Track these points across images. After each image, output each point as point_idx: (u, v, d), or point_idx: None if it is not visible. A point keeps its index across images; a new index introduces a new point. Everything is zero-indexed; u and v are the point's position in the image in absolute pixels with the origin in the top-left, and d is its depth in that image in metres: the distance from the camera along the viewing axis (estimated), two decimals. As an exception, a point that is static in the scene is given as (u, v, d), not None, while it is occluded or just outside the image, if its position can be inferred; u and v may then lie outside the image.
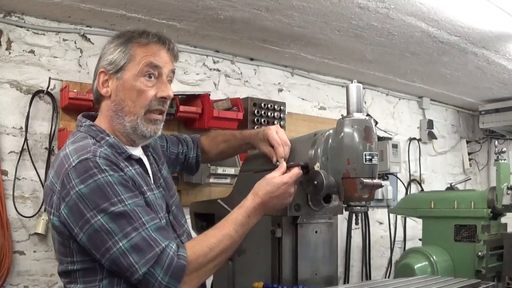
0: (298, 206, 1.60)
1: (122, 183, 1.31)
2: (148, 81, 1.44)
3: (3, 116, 2.41)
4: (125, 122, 1.44)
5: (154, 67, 1.44)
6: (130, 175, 1.38)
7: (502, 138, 4.77)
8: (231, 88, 3.21)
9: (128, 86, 1.43)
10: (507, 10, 2.51)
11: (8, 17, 2.44)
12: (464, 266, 2.57)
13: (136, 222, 1.27)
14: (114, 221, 1.26)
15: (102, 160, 1.31)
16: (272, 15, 2.55)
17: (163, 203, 1.49)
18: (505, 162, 2.61)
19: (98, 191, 1.27)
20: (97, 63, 1.50)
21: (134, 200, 1.31)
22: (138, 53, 1.43)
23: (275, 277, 1.63)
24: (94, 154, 1.31)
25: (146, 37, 1.45)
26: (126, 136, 1.47)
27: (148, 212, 1.33)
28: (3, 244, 2.28)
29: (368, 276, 3.86)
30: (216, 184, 2.76)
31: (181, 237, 1.54)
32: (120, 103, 1.44)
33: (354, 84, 1.55)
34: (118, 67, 1.43)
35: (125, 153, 1.43)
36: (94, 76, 1.50)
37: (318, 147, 1.55)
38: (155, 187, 1.49)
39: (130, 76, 1.43)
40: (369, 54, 3.21)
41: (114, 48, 1.45)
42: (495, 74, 3.63)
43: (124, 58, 1.43)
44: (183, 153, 1.87)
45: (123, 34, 1.48)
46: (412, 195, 3.76)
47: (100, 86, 1.46)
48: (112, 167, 1.32)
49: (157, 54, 1.45)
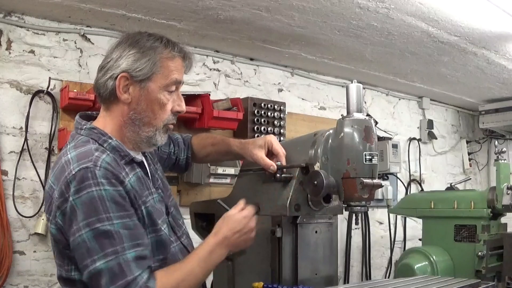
0: (298, 206, 1.60)
1: (115, 199, 1.29)
2: (169, 95, 1.45)
3: (3, 116, 2.41)
4: (141, 132, 1.44)
5: (177, 83, 1.46)
6: (132, 183, 1.37)
7: (502, 138, 4.77)
8: (231, 88, 3.21)
9: (152, 97, 1.42)
10: (507, 10, 2.51)
11: (8, 17, 2.44)
12: (464, 266, 2.56)
13: (118, 246, 1.27)
14: (96, 239, 1.26)
15: (101, 172, 1.29)
16: (272, 15, 2.55)
17: (162, 206, 1.50)
18: (505, 162, 2.61)
19: (89, 204, 1.27)
20: (111, 63, 1.43)
21: (123, 220, 1.29)
22: (166, 66, 1.43)
23: (275, 277, 1.64)
24: (95, 164, 1.30)
25: (172, 50, 1.45)
26: (135, 143, 1.47)
27: (133, 237, 1.31)
28: (3, 244, 2.28)
29: (368, 276, 3.86)
30: (216, 184, 2.77)
31: (181, 239, 1.55)
32: (140, 112, 1.42)
33: (354, 84, 1.55)
34: (145, 77, 1.41)
35: (128, 156, 1.43)
36: (104, 74, 1.44)
37: (318, 147, 1.55)
38: (154, 190, 1.50)
39: (156, 88, 1.42)
40: (369, 54, 3.21)
41: (141, 55, 1.41)
42: (495, 74, 3.63)
43: (152, 68, 1.41)
44: (175, 153, 1.86)
45: (144, 39, 1.44)
46: (412, 195, 3.76)
47: (121, 91, 1.41)
48: (111, 180, 1.30)
49: (180, 70, 1.47)
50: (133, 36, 1.46)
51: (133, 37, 1.45)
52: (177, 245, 1.52)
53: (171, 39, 1.48)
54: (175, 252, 1.49)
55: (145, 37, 1.45)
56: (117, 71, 1.41)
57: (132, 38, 1.45)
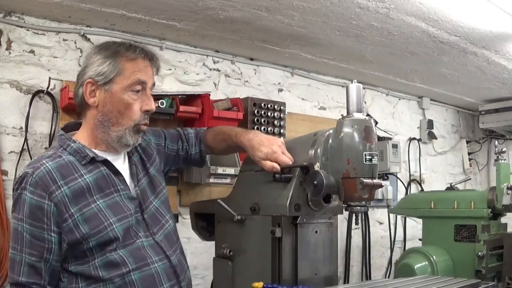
0: (298, 206, 1.59)
1: (31, 208, 1.44)
2: (134, 95, 1.54)
3: (3, 116, 2.41)
4: (111, 132, 1.54)
5: (141, 83, 1.54)
6: (67, 193, 1.46)
7: (502, 138, 4.76)
8: (231, 88, 3.21)
9: (116, 98, 1.52)
10: (507, 10, 2.51)
11: (8, 17, 2.44)
12: (464, 266, 2.57)
13: (18, 245, 1.45)
14: (12, 231, 1.49)
15: (34, 179, 1.44)
16: (272, 15, 2.55)
17: (131, 203, 1.56)
18: (505, 162, 2.61)
19: (16, 202, 1.48)
20: (81, 72, 1.57)
21: (30, 227, 1.44)
22: (126, 68, 1.52)
23: (275, 277, 1.63)
24: (33, 171, 1.46)
25: (133, 52, 1.55)
26: (108, 144, 1.57)
27: (33, 246, 1.44)
28: (3, 244, 2.28)
29: (368, 276, 3.86)
30: (216, 184, 2.76)
31: (155, 235, 1.59)
32: (107, 114, 1.53)
33: (354, 84, 1.55)
34: (107, 80, 1.51)
35: (87, 157, 1.53)
36: (77, 83, 1.57)
37: (318, 147, 1.55)
38: (123, 187, 1.56)
39: (118, 89, 1.52)
40: (369, 54, 3.21)
41: (103, 60, 1.52)
42: (495, 74, 3.63)
43: (113, 71, 1.51)
44: (184, 149, 1.90)
45: (109, 46, 1.57)
46: (412, 195, 3.76)
47: (88, 96, 1.53)
48: (36, 190, 1.44)
49: (143, 70, 1.55)
50: (100, 45, 1.60)
51: (99, 46, 1.59)
52: (147, 241, 1.56)
53: (136, 44, 1.60)
54: (140, 246, 1.54)
55: (110, 44, 1.58)
56: (84, 78, 1.54)
57: (98, 47, 1.59)
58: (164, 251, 1.59)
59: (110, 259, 1.48)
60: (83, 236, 1.45)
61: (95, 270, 1.47)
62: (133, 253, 1.51)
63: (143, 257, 1.53)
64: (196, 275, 2.81)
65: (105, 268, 1.48)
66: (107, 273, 1.47)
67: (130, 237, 1.53)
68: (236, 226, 1.78)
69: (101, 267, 1.47)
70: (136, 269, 1.50)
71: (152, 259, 1.54)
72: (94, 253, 1.48)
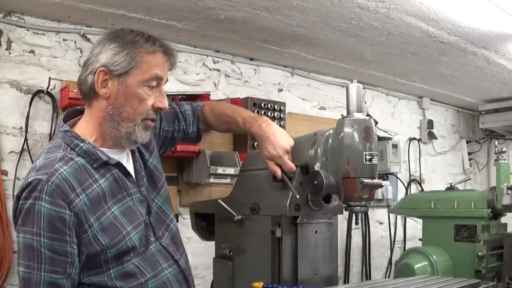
0: (298, 206, 1.59)
1: (50, 219, 1.28)
2: (149, 90, 1.41)
3: (3, 116, 2.41)
4: (120, 128, 1.41)
5: (158, 78, 1.42)
6: (87, 199, 1.33)
7: (502, 138, 4.77)
8: (231, 88, 3.21)
9: (130, 92, 1.39)
10: (507, 10, 2.51)
11: (8, 17, 2.44)
12: (464, 266, 2.57)
13: (37, 264, 1.28)
14: (24, 247, 1.30)
15: (50, 188, 1.28)
16: (272, 15, 2.55)
17: (142, 207, 1.47)
18: (505, 162, 2.61)
19: (27, 214, 1.29)
20: (92, 58, 1.42)
21: (51, 242, 1.28)
22: (145, 61, 1.40)
23: (275, 277, 1.63)
24: (48, 178, 1.29)
25: (153, 44, 1.43)
26: (116, 140, 1.44)
27: (54, 262, 1.29)
28: (3, 244, 2.28)
29: (368, 276, 3.86)
30: (216, 184, 2.76)
31: (161, 239, 1.51)
32: (118, 107, 1.40)
33: (354, 84, 1.55)
34: (123, 71, 1.38)
35: (100, 160, 1.39)
36: (85, 70, 1.43)
37: (318, 147, 1.55)
38: (135, 190, 1.46)
39: (134, 83, 1.39)
40: (369, 54, 3.21)
41: (120, 49, 1.39)
42: (495, 74, 3.64)
43: (130, 62, 1.38)
44: (180, 129, 1.79)
45: (126, 34, 1.43)
46: (412, 195, 3.76)
47: (99, 85, 1.39)
48: (55, 200, 1.28)
49: (161, 65, 1.43)
50: (115, 31, 1.44)
51: (115, 33, 1.44)
52: (155, 246, 1.48)
53: (153, 35, 1.45)
54: (152, 253, 1.46)
55: (126, 32, 1.43)
56: (96, 65, 1.39)
57: (113, 33, 1.43)
58: (172, 256, 1.51)
59: (127, 269, 1.39)
60: (103, 248, 1.34)
61: (111, 280, 1.37)
62: (148, 261, 1.43)
63: (156, 264, 1.45)
64: (196, 275, 2.79)
65: (122, 278, 1.38)
66: (125, 284, 1.38)
67: (143, 244, 1.44)
68: (236, 226, 1.78)
69: (117, 278, 1.37)
70: (153, 277, 1.43)
71: (162, 266, 1.46)
72: (110, 263, 1.37)
